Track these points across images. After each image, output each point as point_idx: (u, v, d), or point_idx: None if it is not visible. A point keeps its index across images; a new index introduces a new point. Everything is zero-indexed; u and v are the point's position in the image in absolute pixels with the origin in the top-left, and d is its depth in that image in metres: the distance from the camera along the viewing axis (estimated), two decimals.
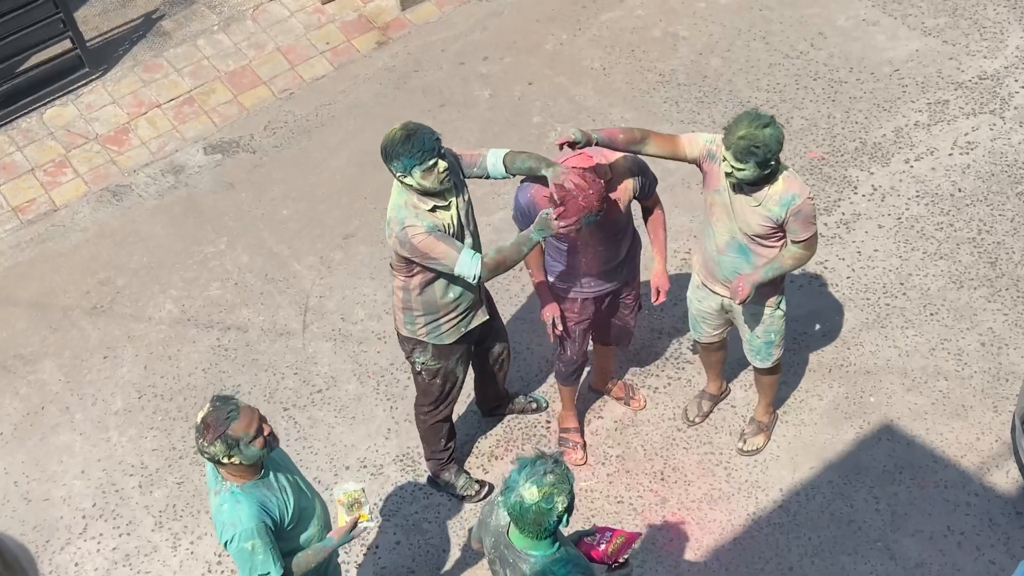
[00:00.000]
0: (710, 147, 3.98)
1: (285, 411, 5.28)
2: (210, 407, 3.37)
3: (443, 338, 4.26)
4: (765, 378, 4.74)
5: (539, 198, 4.07)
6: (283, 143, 6.40)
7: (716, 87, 6.41)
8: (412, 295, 4.15)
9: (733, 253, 4.19)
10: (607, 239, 4.22)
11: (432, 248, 3.87)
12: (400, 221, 3.89)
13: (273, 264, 5.88)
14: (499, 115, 6.44)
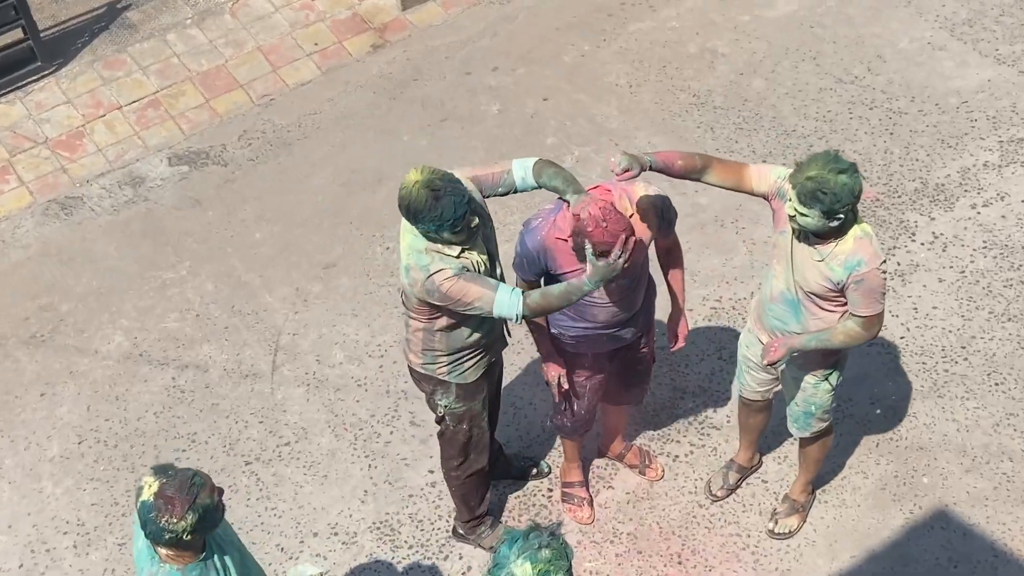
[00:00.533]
0: (781, 184, 4.01)
1: (247, 465, 5.27)
2: (161, 479, 3.29)
3: (466, 376, 4.33)
4: (810, 449, 4.74)
5: (551, 242, 4.09)
6: (259, 156, 6.43)
7: (758, 112, 6.44)
8: (435, 337, 4.22)
9: (783, 305, 4.21)
10: (623, 286, 4.24)
11: (465, 292, 3.93)
12: (424, 267, 3.94)
13: (241, 295, 5.88)
14: (508, 134, 6.48)
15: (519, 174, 4.07)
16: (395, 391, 5.49)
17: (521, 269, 4.22)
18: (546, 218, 4.11)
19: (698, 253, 5.89)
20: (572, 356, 4.49)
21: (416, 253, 3.96)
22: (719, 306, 5.70)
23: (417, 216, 3.83)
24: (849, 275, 3.96)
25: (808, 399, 4.47)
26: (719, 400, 5.38)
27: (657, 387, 5.42)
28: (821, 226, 3.86)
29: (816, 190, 3.74)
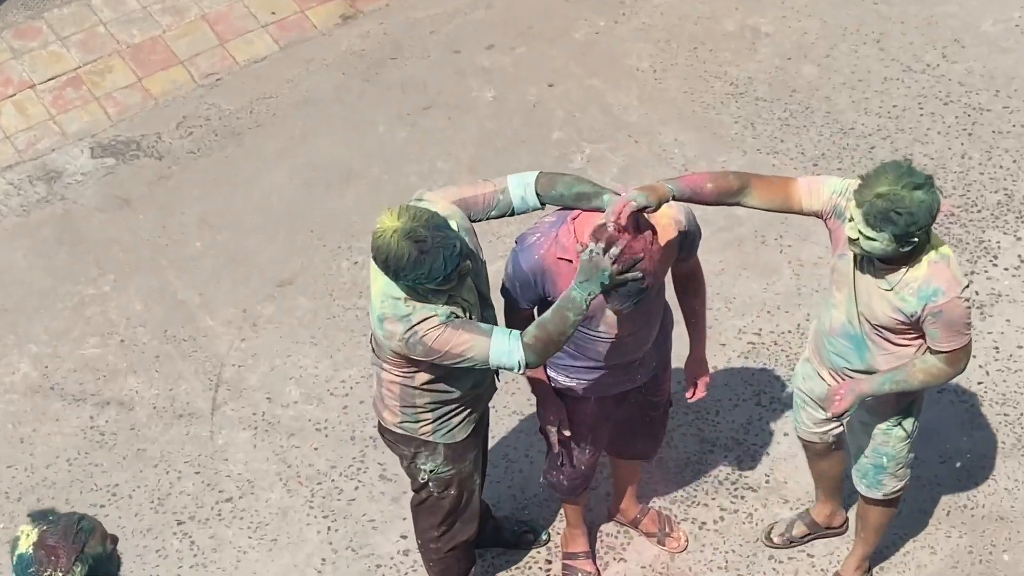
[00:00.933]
0: (838, 200, 4.02)
1: (179, 525, 5.24)
2: (40, 526, 3.25)
3: (454, 434, 4.35)
4: (871, 513, 4.73)
5: (551, 262, 4.08)
6: (202, 148, 6.41)
7: (808, 106, 6.43)
8: (415, 392, 4.22)
9: (844, 340, 4.21)
10: (635, 316, 4.21)
11: (454, 343, 3.93)
12: (404, 318, 3.93)
13: (177, 317, 5.86)
14: (505, 126, 6.46)
15: (517, 192, 4.05)
16: (361, 437, 5.45)
17: (512, 295, 4.19)
18: (546, 233, 4.09)
19: (734, 276, 5.86)
20: (571, 401, 4.48)
21: (392, 302, 3.94)
22: (758, 340, 5.67)
23: (398, 273, 3.82)
24: (924, 307, 3.95)
25: (879, 449, 4.47)
26: (756, 455, 5.35)
27: (681, 438, 5.39)
28: (891, 252, 3.85)
29: (888, 210, 3.74)
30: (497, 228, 5.94)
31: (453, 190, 4.07)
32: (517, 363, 3.94)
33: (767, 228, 6.01)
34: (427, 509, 4.57)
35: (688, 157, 6.32)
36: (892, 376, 4.13)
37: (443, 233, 3.79)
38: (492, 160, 6.33)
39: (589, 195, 3.98)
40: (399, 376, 4.16)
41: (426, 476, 4.43)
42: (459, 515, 4.58)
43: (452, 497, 4.51)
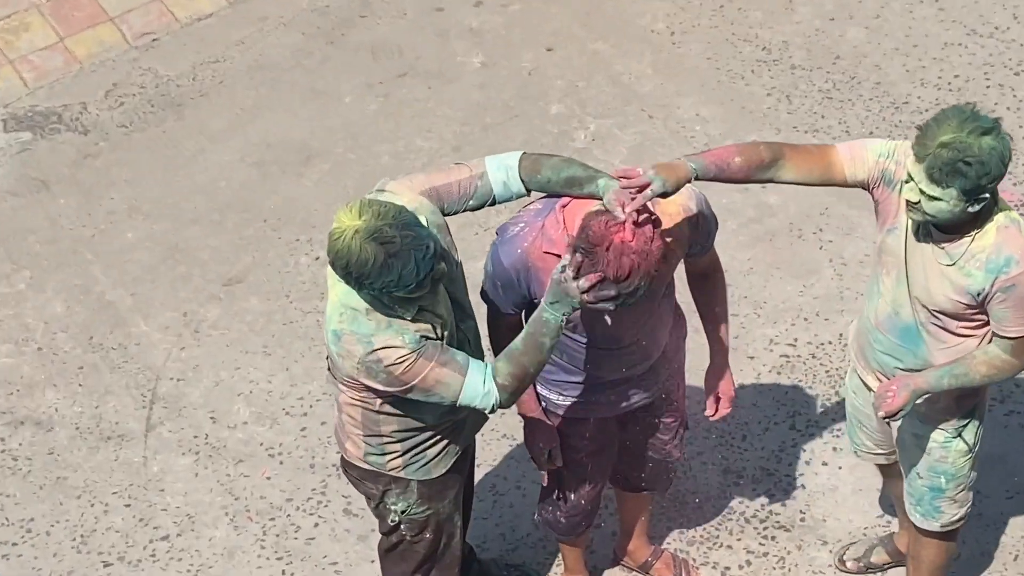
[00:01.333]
0: (886, 165, 4.04)
1: (105, 567, 5.24)
2: None
3: (430, 470, 4.33)
4: (927, 548, 4.72)
5: (537, 257, 4.06)
6: (135, 121, 6.40)
7: (854, 75, 6.43)
8: (378, 418, 4.21)
9: (894, 335, 4.22)
10: (637, 323, 4.21)
11: (422, 377, 3.92)
12: (364, 339, 3.90)
13: (104, 320, 5.86)
14: (495, 98, 6.43)
15: (497, 177, 4.03)
16: (323, 465, 5.46)
17: (494, 298, 4.18)
18: (531, 223, 4.07)
19: (764, 276, 5.87)
20: (566, 423, 4.47)
21: (351, 314, 3.92)
22: (793, 353, 5.68)
23: (362, 281, 3.79)
24: (994, 281, 3.95)
25: (936, 467, 4.45)
26: (790, 488, 5.37)
27: (701, 467, 5.39)
28: (958, 213, 3.85)
29: (956, 161, 3.75)
30: (484, 218, 5.94)
31: (421, 178, 4.04)
32: (491, 405, 3.97)
33: (804, 220, 6.00)
34: (398, 555, 4.55)
35: (711, 135, 6.31)
36: (951, 369, 4.12)
37: (413, 232, 3.75)
38: (480, 138, 6.31)
39: (581, 180, 3.95)
40: (359, 400, 4.15)
41: (397, 518, 4.42)
42: (436, 561, 4.55)
43: (428, 541, 4.50)
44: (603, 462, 4.62)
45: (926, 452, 4.42)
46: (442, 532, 4.50)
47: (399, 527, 4.45)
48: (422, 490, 4.35)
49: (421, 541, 4.49)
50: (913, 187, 3.85)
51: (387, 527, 4.47)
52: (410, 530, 4.46)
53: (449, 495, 4.43)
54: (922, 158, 3.79)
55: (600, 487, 4.71)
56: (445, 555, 4.56)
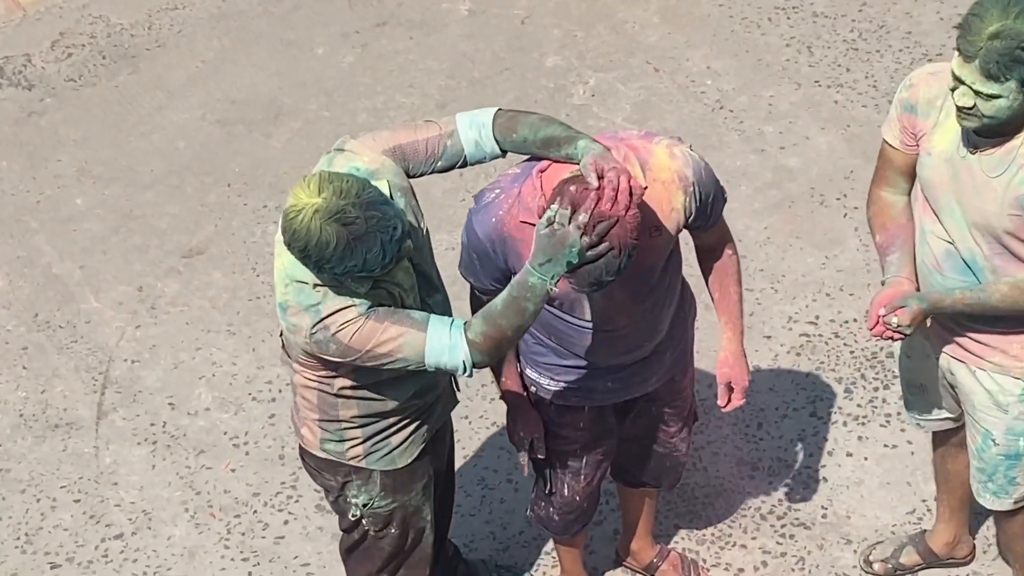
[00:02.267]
0: (901, 95, 4.14)
1: (52, 568, 5.22)
2: None
3: (394, 459, 4.33)
4: (1015, 531, 4.67)
5: (513, 227, 4.02)
6: (85, 75, 6.42)
7: (883, 23, 6.43)
8: (338, 401, 4.21)
9: (955, 273, 4.19)
10: (634, 302, 4.19)
11: (377, 339, 3.91)
12: (311, 309, 3.92)
13: (51, 296, 5.86)
14: (483, 50, 6.44)
15: (469, 136, 4.02)
16: (293, 456, 5.37)
17: (471, 273, 4.16)
18: (507, 189, 4.04)
19: (782, 247, 5.84)
20: (558, 411, 4.46)
21: (296, 286, 3.91)
22: (814, 332, 5.65)
23: (321, 265, 3.80)
24: None
25: (1014, 426, 4.39)
26: (810, 481, 5.34)
27: (712, 459, 5.35)
28: (1017, 108, 3.84)
29: (1013, 48, 3.76)
30: (472, 182, 5.92)
31: (385, 135, 4.03)
32: (461, 363, 3.91)
33: (827, 185, 6.00)
34: (361, 553, 4.55)
35: (724, 91, 6.31)
36: (969, 289, 4.12)
37: (379, 211, 3.75)
38: (466, 93, 6.30)
39: (559, 140, 3.93)
40: (314, 380, 4.16)
41: (358, 512, 4.41)
42: (404, 559, 4.55)
43: (393, 537, 4.48)
44: (599, 455, 4.60)
45: (1003, 409, 4.35)
46: (410, 527, 4.50)
47: (361, 522, 4.45)
48: (386, 481, 4.35)
49: (386, 537, 4.48)
50: (965, 91, 3.86)
51: (348, 523, 4.47)
52: (373, 525, 4.45)
53: (417, 486, 4.42)
54: (972, 56, 3.80)
55: (597, 483, 4.69)
56: (414, 552, 4.56)
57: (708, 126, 6.15)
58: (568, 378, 4.35)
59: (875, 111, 6.16)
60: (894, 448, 5.33)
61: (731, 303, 4.41)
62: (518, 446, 4.49)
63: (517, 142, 3.99)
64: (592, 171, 3.75)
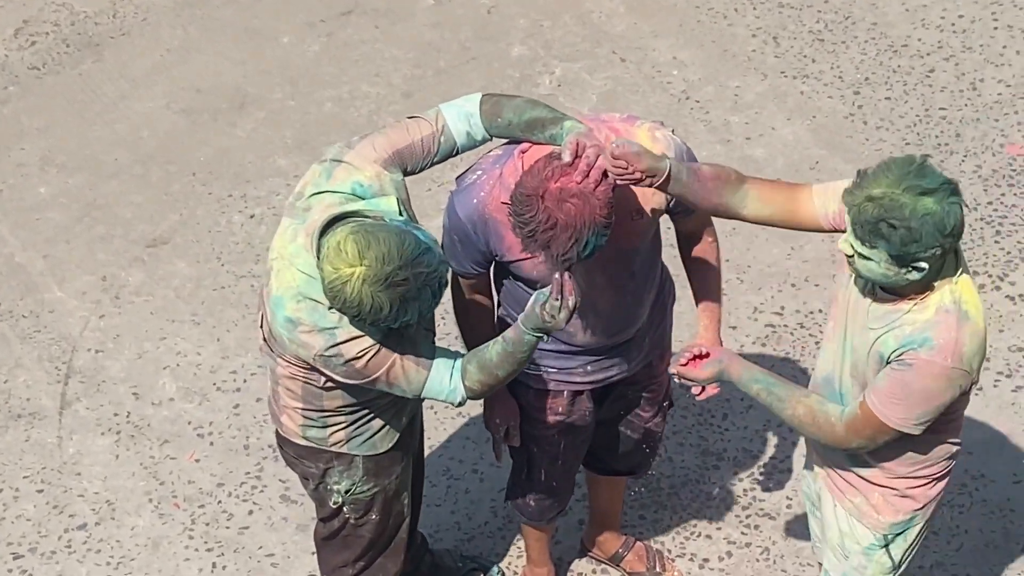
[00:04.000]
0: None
1: (15, 560, 5.23)
2: None
3: (375, 443, 4.35)
4: None
5: (494, 209, 4.06)
6: (49, 63, 6.42)
7: (848, 14, 6.46)
8: (323, 394, 4.21)
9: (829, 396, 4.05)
10: (614, 285, 4.21)
11: (384, 370, 3.97)
12: (325, 332, 3.92)
13: (14, 285, 5.87)
14: (450, 39, 6.44)
15: (460, 127, 4.05)
16: (258, 446, 5.46)
17: (452, 256, 4.17)
18: (488, 171, 4.09)
19: (748, 238, 5.87)
20: (536, 395, 4.48)
21: (311, 305, 3.91)
22: (779, 322, 5.69)
23: (377, 324, 3.82)
24: (902, 352, 3.79)
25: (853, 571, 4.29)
26: (774, 472, 5.38)
27: (677, 449, 5.39)
28: (892, 277, 3.71)
29: (881, 219, 3.60)
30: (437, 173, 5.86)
31: (380, 141, 4.02)
32: (456, 401, 4.06)
33: (793, 175, 6.00)
34: (339, 542, 4.56)
35: (690, 81, 6.33)
36: (772, 381, 3.98)
37: (424, 265, 3.76)
38: (432, 83, 6.32)
39: (544, 121, 3.97)
40: (300, 375, 4.17)
41: (340, 498, 4.43)
42: (382, 547, 4.58)
43: (373, 523, 4.51)
44: (577, 441, 4.62)
45: (844, 554, 4.29)
46: (389, 513, 4.52)
47: (342, 510, 4.46)
48: (368, 465, 4.37)
49: (366, 524, 4.51)
50: (846, 240, 3.73)
51: (328, 511, 4.48)
52: (354, 512, 4.47)
53: (396, 470, 4.44)
54: (849, 209, 3.67)
55: (574, 468, 4.72)
56: (392, 539, 4.59)
57: (674, 116, 6.16)
58: (548, 362, 4.37)
59: (840, 102, 6.20)
60: None
61: (710, 290, 4.43)
62: (493, 432, 4.53)
63: (502, 126, 4.03)
64: (569, 148, 3.79)
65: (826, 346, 4.07)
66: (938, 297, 3.76)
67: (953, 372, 3.75)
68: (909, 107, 6.20)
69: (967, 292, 3.78)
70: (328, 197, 3.92)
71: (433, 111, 4.07)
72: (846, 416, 3.90)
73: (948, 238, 3.63)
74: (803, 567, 5.14)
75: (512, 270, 4.15)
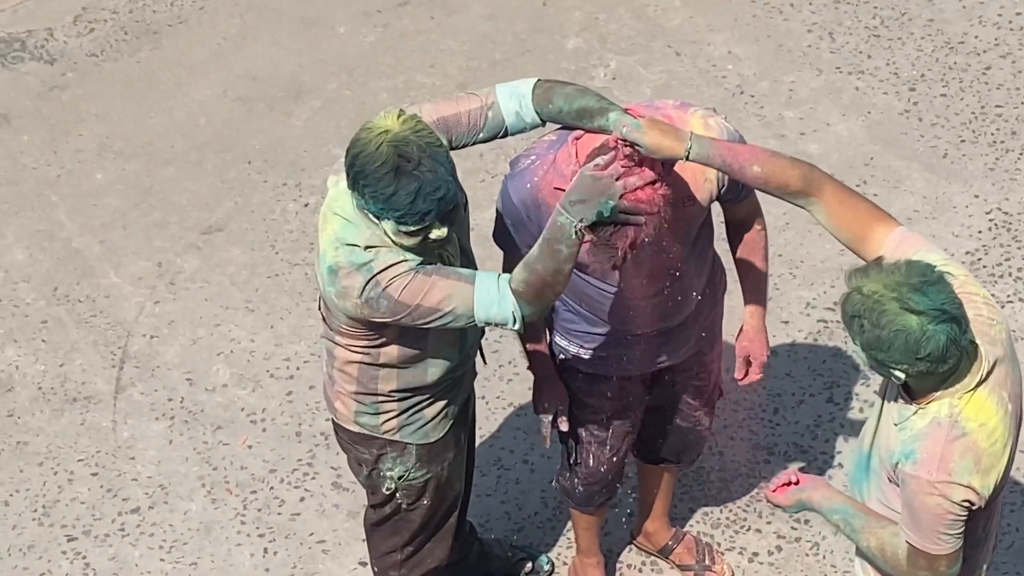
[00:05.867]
0: None
1: (69, 541, 5.27)
2: None
3: (427, 432, 4.38)
4: None
5: (547, 193, 4.07)
6: (107, 50, 6.43)
7: (905, 10, 6.45)
8: (379, 373, 4.22)
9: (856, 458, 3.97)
10: (666, 270, 4.21)
11: (427, 292, 3.93)
12: (363, 267, 3.94)
13: (70, 270, 5.89)
14: (505, 30, 6.46)
15: (510, 107, 4.05)
16: (310, 433, 5.50)
17: (504, 241, 4.21)
18: (542, 156, 4.10)
19: (801, 233, 5.88)
20: (586, 380, 4.50)
21: (347, 248, 3.95)
22: (832, 317, 5.68)
23: (358, 180, 3.83)
24: (899, 463, 3.67)
25: None
26: (826, 466, 5.38)
27: (728, 443, 5.40)
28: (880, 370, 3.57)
29: (855, 316, 3.50)
30: (492, 164, 5.94)
31: (427, 107, 4.05)
32: (511, 315, 3.94)
33: (847, 171, 6.00)
34: (390, 527, 4.57)
35: (745, 76, 6.33)
36: (851, 511, 3.86)
37: (435, 165, 3.79)
38: (487, 75, 6.33)
39: (593, 111, 3.96)
40: (358, 352, 4.17)
41: (393, 485, 4.44)
42: (431, 532, 4.60)
43: (424, 509, 4.53)
44: (626, 426, 4.63)
45: None
46: (441, 499, 4.53)
47: (394, 495, 4.47)
48: (421, 452, 4.39)
49: (417, 509, 4.52)
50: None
51: (380, 497, 4.50)
52: (407, 498, 4.49)
53: (448, 456, 4.46)
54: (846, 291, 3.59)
55: (622, 454, 4.72)
56: (442, 525, 4.60)
57: (729, 111, 6.13)
58: (598, 346, 4.39)
59: (896, 99, 6.20)
60: None
61: (756, 278, 4.45)
62: (542, 417, 4.53)
63: (553, 112, 4.02)
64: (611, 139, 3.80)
65: (871, 412, 3.92)
66: (936, 407, 3.60)
67: (941, 487, 3.58)
68: (965, 104, 6.20)
69: (973, 409, 3.59)
70: None
71: (488, 88, 4.09)
72: (902, 549, 3.77)
73: (922, 361, 3.47)
74: (852, 562, 4.97)
75: None
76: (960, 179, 5.99)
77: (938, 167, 6.03)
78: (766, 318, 4.52)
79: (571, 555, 5.15)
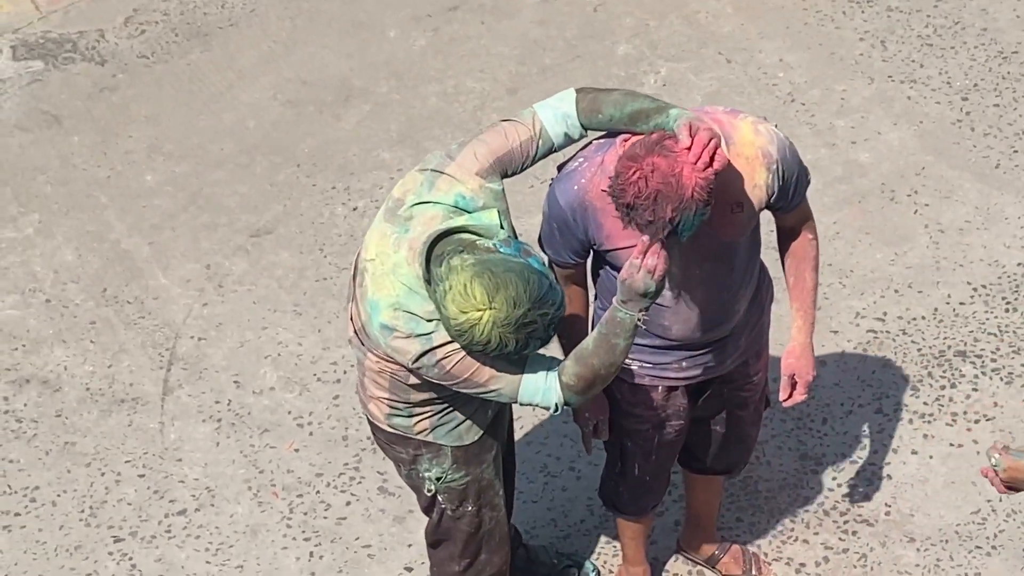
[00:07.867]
0: None
1: (116, 543, 5.28)
2: None
3: (460, 435, 4.38)
4: None
5: (595, 196, 4.06)
6: (158, 52, 6.45)
7: (958, 19, 6.43)
8: (409, 388, 4.24)
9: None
10: (711, 279, 4.22)
11: (478, 370, 3.98)
12: (421, 337, 3.96)
13: (119, 271, 5.91)
14: (555, 37, 6.45)
15: (557, 130, 4.03)
16: (357, 438, 5.51)
17: (550, 245, 4.20)
18: (590, 158, 4.09)
19: (852, 242, 5.87)
20: (631, 390, 4.49)
21: (407, 316, 3.95)
22: (881, 328, 5.67)
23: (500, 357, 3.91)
24: None
25: None
26: (874, 478, 5.37)
27: (775, 453, 5.40)
28: None
29: None
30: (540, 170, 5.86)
31: (483, 152, 4.00)
32: (554, 404, 4.03)
33: (898, 181, 6.00)
34: (444, 534, 4.58)
35: (796, 84, 6.32)
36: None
37: (548, 304, 3.82)
38: (537, 80, 6.33)
39: (649, 112, 3.95)
40: (389, 368, 4.18)
41: (433, 486, 4.45)
42: (484, 539, 4.60)
43: (469, 515, 4.52)
44: (671, 437, 4.62)
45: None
46: (483, 504, 4.52)
47: (437, 498, 4.48)
48: (457, 454, 4.38)
49: (463, 517, 4.52)
50: None
51: (425, 500, 4.51)
52: (449, 502, 4.49)
53: (487, 458, 4.45)
54: None
55: (668, 465, 4.72)
56: (494, 531, 4.59)
57: (779, 119, 6.15)
58: (643, 356, 4.38)
59: (948, 108, 6.18)
60: (959, 447, 5.33)
61: (805, 290, 4.41)
62: (582, 426, 4.53)
63: (603, 121, 4.01)
64: (683, 131, 3.78)
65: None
66: None
67: None
68: (1018, 114, 6.17)
69: None
70: (430, 209, 3.94)
71: (528, 112, 4.05)
72: None
73: None
74: (900, 575, 5.13)
75: (609, 259, 4.15)
76: (1012, 189, 5.97)
77: (990, 177, 6.01)
78: (814, 333, 4.49)
79: (617, 563, 5.15)
